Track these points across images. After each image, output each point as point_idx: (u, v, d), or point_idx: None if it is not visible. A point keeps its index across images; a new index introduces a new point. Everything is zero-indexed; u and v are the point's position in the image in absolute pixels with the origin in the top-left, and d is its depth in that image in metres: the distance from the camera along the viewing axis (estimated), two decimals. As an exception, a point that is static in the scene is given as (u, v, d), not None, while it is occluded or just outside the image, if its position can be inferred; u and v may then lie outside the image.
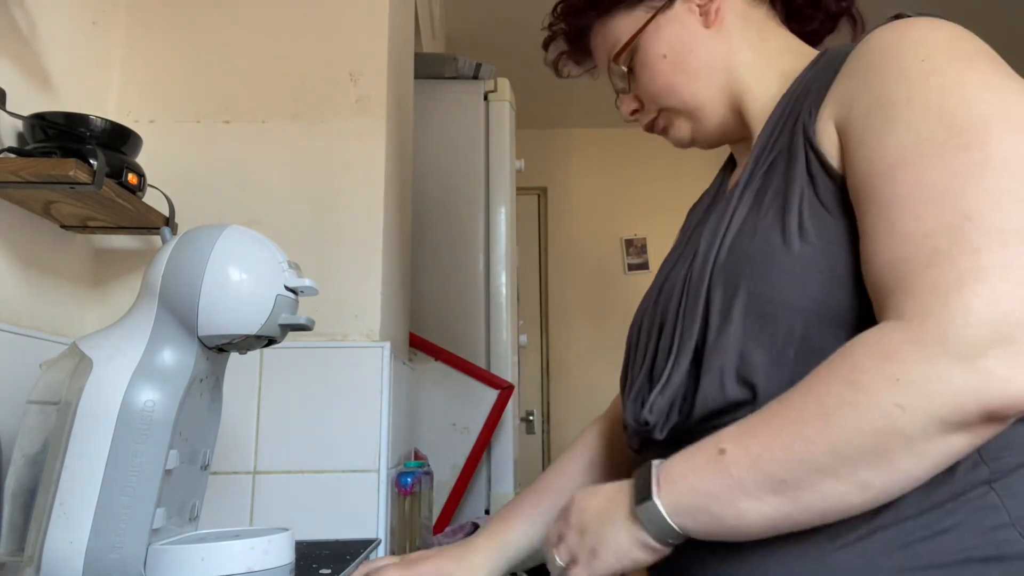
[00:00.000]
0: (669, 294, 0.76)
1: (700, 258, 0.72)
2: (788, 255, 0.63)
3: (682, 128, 0.85)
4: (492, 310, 1.85)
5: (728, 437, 0.59)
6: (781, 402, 0.57)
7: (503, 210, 1.90)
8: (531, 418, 3.78)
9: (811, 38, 0.86)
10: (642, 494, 0.61)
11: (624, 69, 0.84)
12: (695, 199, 0.93)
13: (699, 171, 4.00)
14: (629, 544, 0.62)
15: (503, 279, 1.87)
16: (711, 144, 0.87)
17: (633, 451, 0.80)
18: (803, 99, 0.71)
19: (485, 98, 1.96)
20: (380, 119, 1.27)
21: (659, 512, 0.59)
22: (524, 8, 2.99)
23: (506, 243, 1.89)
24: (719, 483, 0.57)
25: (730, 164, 0.90)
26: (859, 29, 0.85)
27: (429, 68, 1.90)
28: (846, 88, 0.66)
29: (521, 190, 2.29)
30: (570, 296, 3.96)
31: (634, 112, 0.88)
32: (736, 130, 0.83)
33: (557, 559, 0.66)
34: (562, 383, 3.91)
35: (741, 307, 0.65)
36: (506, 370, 1.81)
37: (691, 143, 0.87)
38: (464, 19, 2.95)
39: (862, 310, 0.61)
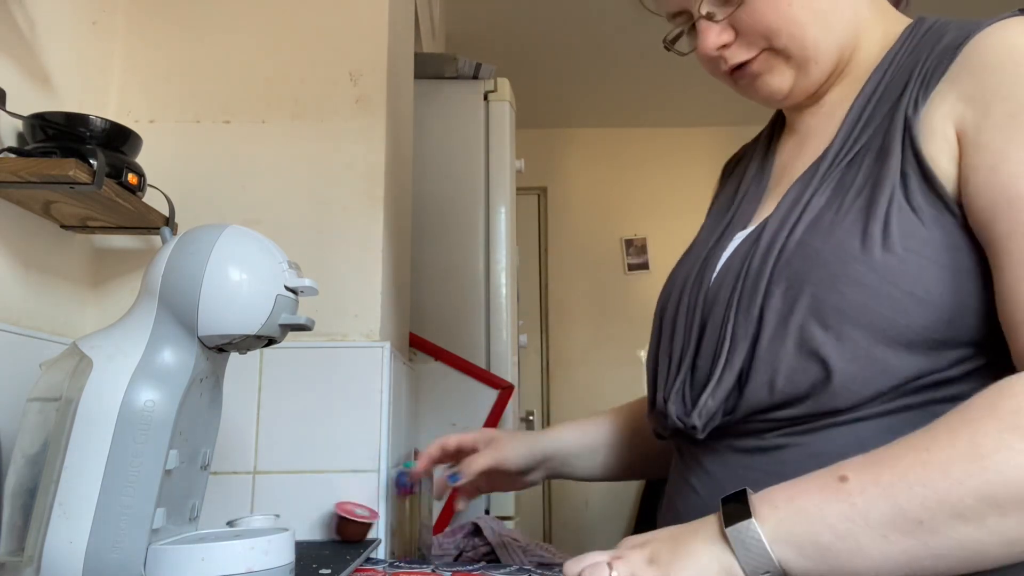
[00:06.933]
0: (720, 280, 0.69)
1: (763, 247, 0.65)
2: (864, 264, 0.58)
3: (783, 77, 0.70)
4: (492, 310, 1.85)
5: (851, 466, 0.51)
6: (921, 436, 0.51)
7: (503, 210, 1.90)
8: (531, 418, 3.78)
9: None
10: (736, 514, 0.52)
11: None
12: (695, 199, 0.91)
13: (699, 171, 4.01)
14: (712, 570, 0.52)
15: (503, 279, 1.87)
16: (794, 103, 0.75)
17: (656, 435, 0.77)
18: (902, 84, 0.64)
19: (485, 98, 1.96)
20: (380, 119, 1.27)
21: (756, 535, 0.51)
22: (524, 8, 2.99)
23: (506, 243, 1.89)
24: (837, 512, 0.50)
25: (776, 121, 0.82)
26: None
27: (429, 68, 1.90)
28: (973, 87, 0.59)
29: (521, 190, 2.29)
30: (570, 296, 3.96)
31: (723, 47, 0.70)
32: (818, 90, 0.73)
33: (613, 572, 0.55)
34: (562, 383, 3.91)
35: (802, 313, 0.60)
36: (506, 370, 1.81)
37: (784, 99, 0.73)
38: (464, 19, 2.95)
39: (938, 332, 0.57)
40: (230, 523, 0.91)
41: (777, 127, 0.83)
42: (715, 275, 0.71)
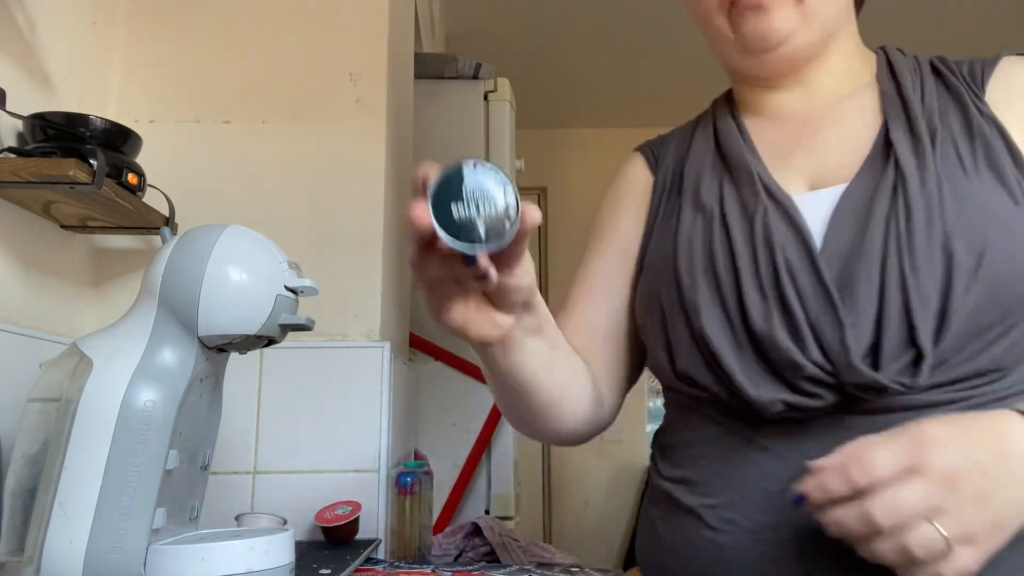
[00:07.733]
0: (849, 235, 0.64)
1: (917, 201, 0.62)
2: (1021, 218, 0.61)
3: (788, 21, 0.71)
4: (492, 310, 1.84)
5: None
6: None
7: (503, 210, 1.90)
8: (531, 418, 3.78)
9: None
10: None
11: None
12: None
13: (699, 171, 4.00)
14: None
15: (503, 279, 1.87)
16: (785, 66, 0.75)
17: (769, 418, 0.64)
18: (952, 85, 0.69)
19: (485, 98, 1.96)
20: (380, 119, 1.27)
21: None
22: (524, 8, 2.99)
23: (506, 243, 1.89)
24: None
25: (714, 119, 0.81)
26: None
27: (429, 68, 1.90)
28: None
29: (521, 190, 2.28)
30: (570, 296, 3.96)
31: None
32: (790, 77, 0.76)
33: (928, 537, 0.45)
34: (562, 383, 3.91)
35: (990, 268, 0.59)
36: (506, 370, 1.81)
37: (777, 45, 0.72)
38: (464, 19, 2.95)
39: None
40: (238, 518, 0.91)
41: (729, 114, 0.81)
42: (824, 232, 0.66)
